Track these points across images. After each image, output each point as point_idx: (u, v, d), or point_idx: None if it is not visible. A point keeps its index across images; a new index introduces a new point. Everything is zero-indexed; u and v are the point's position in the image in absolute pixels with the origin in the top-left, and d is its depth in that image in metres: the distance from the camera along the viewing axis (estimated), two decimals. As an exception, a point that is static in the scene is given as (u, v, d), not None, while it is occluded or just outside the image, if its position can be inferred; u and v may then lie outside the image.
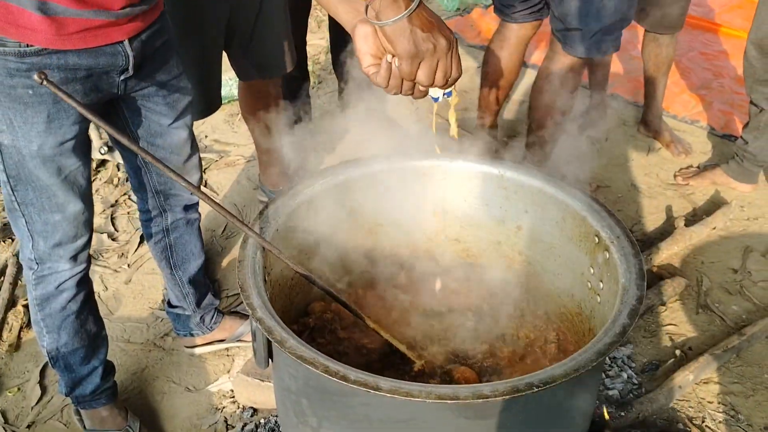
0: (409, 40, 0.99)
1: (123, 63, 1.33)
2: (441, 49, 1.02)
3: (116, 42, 1.30)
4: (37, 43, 1.20)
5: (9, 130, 1.29)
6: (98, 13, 1.23)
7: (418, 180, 1.71)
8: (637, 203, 2.59)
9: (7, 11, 1.17)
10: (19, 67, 1.21)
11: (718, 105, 3.25)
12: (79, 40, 1.24)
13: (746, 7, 4.29)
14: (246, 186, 2.69)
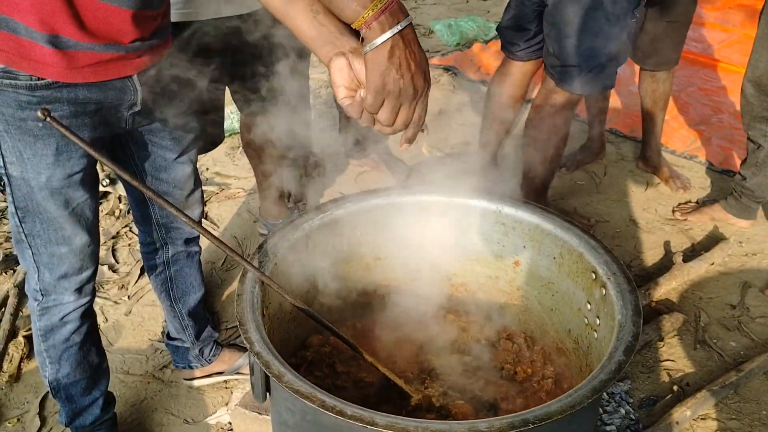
0: (379, 75, 0.99)
1: (132, 97, 1.36)
2: (407, 95, 1.02)
3: (125, 76, 1.32)
4: (48, 77, 1.23)
5: (18, 162, 1.31)
6: (108, 47, 1.26)
7: (417, 215, 1.73)
8: (636, 238, 2.60)
9: (19, 45, 1.20)
10: (30, 100, 1.24)
11: (716, 140, 3.29)
12: (90, 73, 1.26)
13: (744, 42, 4.36)
14: (246, 219, 2.71)
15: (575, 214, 2.69)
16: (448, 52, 4.37)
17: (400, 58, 1.00)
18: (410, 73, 1.01)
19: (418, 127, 1.11)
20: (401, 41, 1.00)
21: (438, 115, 3.62)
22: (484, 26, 4.59)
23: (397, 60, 0.99)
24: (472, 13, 5.01)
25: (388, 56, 0.99)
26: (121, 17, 1.25)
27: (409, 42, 1.01)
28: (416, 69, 1.01)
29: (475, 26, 4.55)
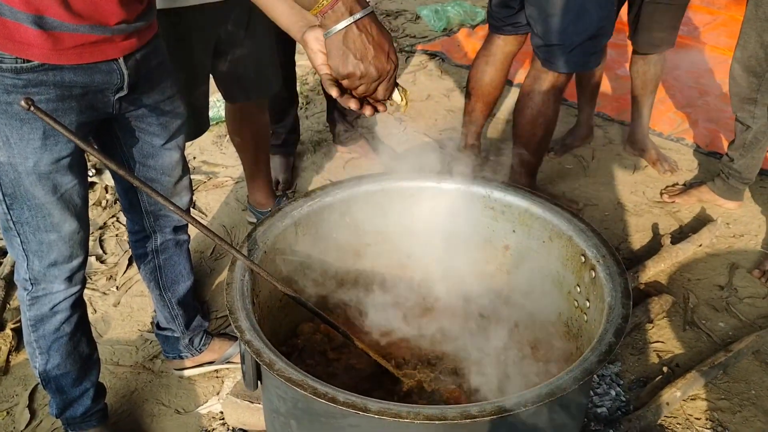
0: (338, 59, 1.09)
1: (118, 81, 1.34)
2: (368, 77, 1.10)
3: (111, 59, 1.31)
4: (33, 58, 1.21)
5: (5, 147, 1.29)
6: (94, 29, 1.24)
7: (406, 200, 1.72)
8: (624, 221, 2.61)
9: (4, 26, 1.18)
10: (15, 83, 1.22)
11: (703, 123, 3.29)
12: (75, 55, 1.25)
13: (730, 25, 4.36)
14: (235, 207, 2.69)
15: (563, 197, 2.69)
16: (435, 38, 4.35)
17: (356, 44, 1.07)
18: (369, 57, 1.08)
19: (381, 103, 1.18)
20: (355, 28, 1.07)
21: (426, 100, 3.61)
22: (471, 11, 4.57)
23: (353, 45, 1.07)
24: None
25: (344, 42, 1.07)
26: None
27: (366, 27, 1.08)
28: (376, 53, 1.09)
29: (461, 11, 4.53)
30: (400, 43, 4.30)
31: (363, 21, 1.07)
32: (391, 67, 1.13)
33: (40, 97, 1.25)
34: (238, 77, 2.12)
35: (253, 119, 2.33)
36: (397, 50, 4.17)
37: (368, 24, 1.08)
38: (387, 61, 1.11)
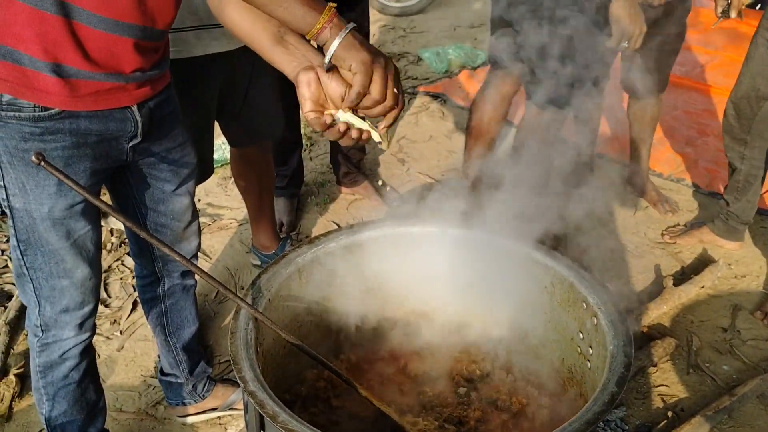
0: (360, 51, 1.07)
1: (132, 128, 1.38)
2: (389, 64, 1.11)
3: (126, 107, 1.34)
4: (51, 105, 1.24)
5: (21, 194, 1.32)
6: (109, 76, 1.28)
7: (409, 246, 1.74)
8: (626, 262, 2.62)
9: (23, 75, 1.22)
10: (33, 131, 1.26)
11: (702, 163, 3.32)
12: (91, 102, 1.28)
13: (728, 65, 4.42)
14: (239, 249, 2.71)
15: (566, 238, 2.70)
16: (437, 80, 4.41)
17: (361, 43, 1.08)
18: (373, 51, 1.09)
19: (400, 105, 1.16)
20: (352, 36, 1.08)
21: (428, 141, 3.65)
22: (471, 54, 4.65)
23: (360, 44, 1.07)
24: (459, 41, 5.07)
25: (354, 43, 1.07)
26: (122, 47, 1.27)
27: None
28: (375, 50, 1.10)
29: (462, 54, 4.60)
30: (403, 85, 4.35)
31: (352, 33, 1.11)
32: (392, 65, 1.14)
33: (56, 144, 1.28)
34: (243, 123, 2.16)
35: (258, 163, 2.36)
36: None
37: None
38: (385, 58, 1.13)
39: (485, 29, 5.32)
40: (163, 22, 1.34)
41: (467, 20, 5.61)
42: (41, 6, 1.17)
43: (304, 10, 1.06)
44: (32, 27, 1.19)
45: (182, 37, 1.79)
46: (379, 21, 5.58)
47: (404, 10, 5.72)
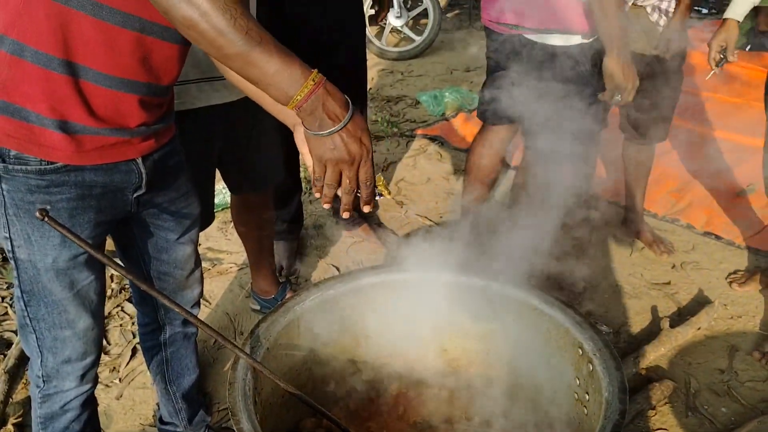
0: (314, 148, 1.15)
1: (136, 180, 1.40)
2: (344, 162, 1.16)
3: (130, 159, 1.37)
4: (57, 160, 1.27)
5: (26, 245, 1.34)
6: (114, 131, 1.31)
7: (406, 292, 1.76)
8: (623, 304, 2.64)
9: (30, 132, 1.25)
10: (39, 184, 1.28)
11: (697, 203, 3.36)
12: (96, 156, 1.31)
13: (719, 106, 4.50)
14: (238, 294, 2.73)
15: (563, 281, 2.72)
16: (434, 122, 4.48)
17: (331, 136, 1.14)
18: (343, 144, 1.14)
19: (368, 190, 1.21)
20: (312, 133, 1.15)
21: (426, 183, 3.70)
22: (468, 96, 4.73)
23: (328, 137, 1.13)
24: (456, 84, 5.16)
25: (312, 139, 1.15)
26: (128, 103, 1.31)
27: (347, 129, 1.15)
28: (349, 140, 1.14)
29: (459, 97, 4.68)
30: (401, 128, 4.43)
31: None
32: (365, 152, 1.18)
33: (61, 197, 1.31)
34: (244, 170, 2.20)
35: (258, 209, 2.39)
36: (399, 134, 4.31)
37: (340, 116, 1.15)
38: (360, 147, 1.17)
39: (480, 72, 5.41)
40: (168, 79, 1.38)
41: (463, 64, 5.73)
42: (49, 66, 1.21)
43: (278, 93, 1.12)
44: (40, 86, 1.22)
45: (185, 89, 1.84)
46: (378, 65, 5.69)
47: (402, 55, 5.84)
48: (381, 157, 4.01)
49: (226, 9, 1.05)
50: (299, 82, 1.09)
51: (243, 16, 1.07)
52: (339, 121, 1.13)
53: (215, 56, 1.11)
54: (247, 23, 1.07)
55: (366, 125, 1.20)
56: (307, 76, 1.10)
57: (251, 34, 1.07)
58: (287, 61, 1.10)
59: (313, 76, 1.10)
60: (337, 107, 1.13)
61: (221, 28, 1.06)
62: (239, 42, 1.07)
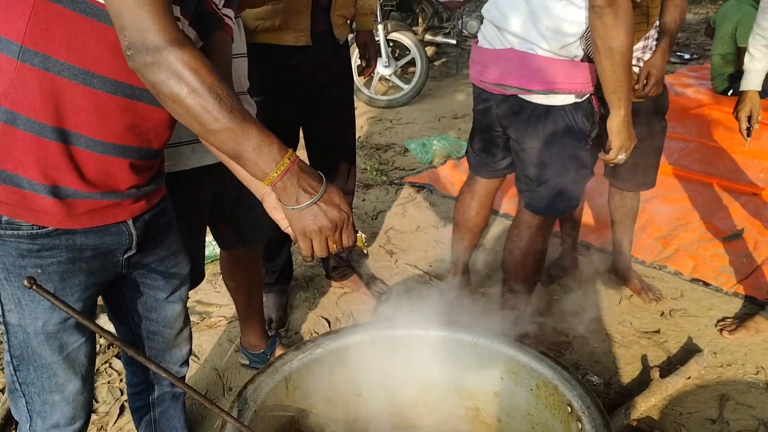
0: (296, 223, 1.22)
1: (127, 242, 1.41)
2: (328, 230, 1.22)
3: (121, 221, 1.38)
4: (48, 224, 1.28)
5: (17, 309, 1.34)
6: (105, 195, 1.33)
7: (394, 349, 1.76)
8: (613, 354, 2.64)
9: (22, 197, 1.26)
10: (30, 248, 1.29)
11: (683, 250, 3.39)
12: (87, 219, 1.32)
13: (702, 151, 4.58)
14: (227, 348, 2.71)
15: (553, 330, 2.73)
16: (423, 170, 4.53)
17: (310, 208, 1.20)
18: (322, 213, 1.20)
19: (350, 246, 1.29)
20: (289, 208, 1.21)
21: (415, 232, 3.72)
22: (456, 144, 4.79)
23: (307, 209, 1.20)
24: (444, 131, 5.24)
25: (291, 215, 1.21)
26: (119, 167, 1.33)
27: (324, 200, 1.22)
28: (327, 208, 1.21)
29: (447, 144, 4.75)
30: (390, 176, 4.47)
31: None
32: (345, 216, 1.24)
33: (52, 260, 1.32)
34: (234, 227, 2.21)
35: (247, 264, 2.40)
36: (388, 183, 4.34)
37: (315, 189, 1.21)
38: (339, 212, 1.23)
39: (468, 119, 5.50)
40: (158, 143, 1.41)
41: (451, 111, 5.81)
42: (41, 134, 1.23)
43: (256, 169, 1.18)
44: (32, 153, 1.24)
45: (178, 150, 1.86)
46: (367, 113, 5.77)
47: (391, 103, 5.92)
48: (370, 205, 4.04)
49: (212, 87, 1.09)
50: (276, 160, 1.14)
51: (228, 94, 1.11)
52: (315, 192, 1.18)
53: (197, 131, 1.15)
54: (231, 102, 1.11)
55: (341, 194, 1.24)
56: (283, 154, 1.15)
57: (234, 112, 1.11)
58: (266, 140, 1.14)
59: (289, 155, 1.15)
60: (311, 180, 1.18)
61: (207, 106, 1.09)
62: (223, 119, 1.10)
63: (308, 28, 2.48)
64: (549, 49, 2.08)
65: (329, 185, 1.22)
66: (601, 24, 1.90)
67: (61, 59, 1.20)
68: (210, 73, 1.11)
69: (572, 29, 2.03)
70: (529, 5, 2.07)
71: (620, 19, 1.88)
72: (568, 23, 2.02)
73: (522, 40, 2.12)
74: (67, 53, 1.20)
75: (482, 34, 2.33)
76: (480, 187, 2.67)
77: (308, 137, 2.84)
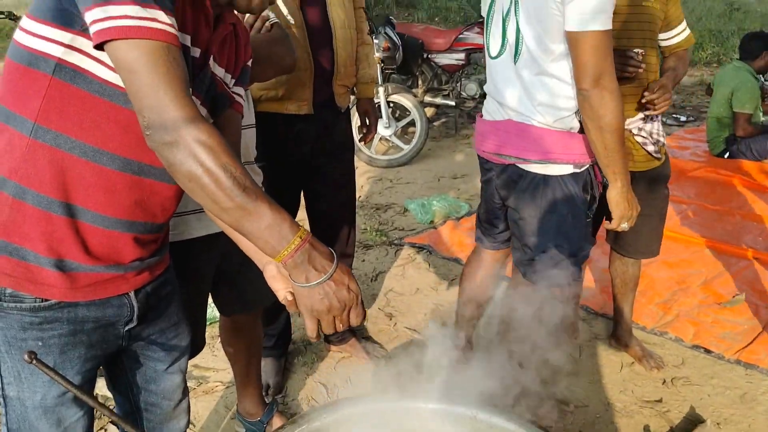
0: (305, 302, 1.22)
1: (128, 314, 1.41)
2: (336, 310, 1.22)
3: (123, 293, 1.38)
4: (51, 297, 1.29)
5: (16, 383, 1.33)
6: (109, 268, 1.34)
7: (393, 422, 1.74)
8: (615, 424, 2.60)
9: (27, 270, 1.27)
10: (32, 321, 1.29)
11: (684, 315, 3.37)
12: (90, 292, 1.33)
13: (701, 214, 4.60)
14: (224, 415, 2.67)
15: (554, 398, 2.69)
16: (423, 230, 4.55)
17: (320, 286, 1.19)
18: (332, 292, 1.20)
19: (360, 319, 1.29)
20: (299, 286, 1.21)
21: (415, 294, 3.71)
22: (455, 204, 4.82)
23: (317, 287, 1.19)
24: (444, 191, 5.28)
25: (309, 288, 1.20)
26: (124, 241, 1.34)
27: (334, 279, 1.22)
28: (337, 287, 1.21)
29: (446, 205, 4.77)
30: (390, 236, 4.48)
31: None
32: (354, 296, 1.24)
33: (53, 333, 1.32)
34: (236, 293, 2.21)
35: (247, 330, 2.39)
36: (387, 243, 4.35)
37: (327, 268, 1.21)
38: (348, 292, 1.23)
39: (468, 180, 5.56)
40: (164, 217, 1.42)
41: (450, 171, 5.87)
42: (49, 208, 1.26)
43: (267, 247, 1.18)
44: (39, 227, 1.26)
45: (184, 220, 1.88)
46: (367, 173, 5.82)
47: (391, 162, 5.99)
48: (370, 266, 4.04)
49: (227, 167, 1.11)
50: (287, 239, 1.15)
51: (242, 174, 1.13)
52: (325, 272, 1.18)
53: (212, 209, 1.16)
54: (245, 180, 1.13)
55: (350, 272, 1.24)
56: (295, 232, 1.16)
57: (248, 191, 1.13)
58: (278, 218, 1.15)
59: (301, 233, 1.16)
60: (322, 259, 1.18)
61: (221, 185, 1.11)
62: (237, 198, 1.12)
63: (311, 98, 2.54)
64: (544, 122, 2.11)
65: (340, 263, 1.22)
66: (588, 105, 1.95)
67: (72, 137, 1.23)
68: (225, 152, 1.13)
69: (565, 104, 2.07)
70: (522, 81, 2.11)
71: (606, 100, 1.92)
72: (562, 98, 2.06)
73: (518, 113, 2.16)
74: (78, 131, 1.23)
75: (485, 108, 2.37)
76: (486, 257, 2.65)
77: (309, 201, 2.86)
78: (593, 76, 1.92)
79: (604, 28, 1.90)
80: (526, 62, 2.09)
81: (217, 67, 1.44)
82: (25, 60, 1.21)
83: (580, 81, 1.95)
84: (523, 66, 2.10)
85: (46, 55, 1.19)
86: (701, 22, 12.73)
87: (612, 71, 1.95)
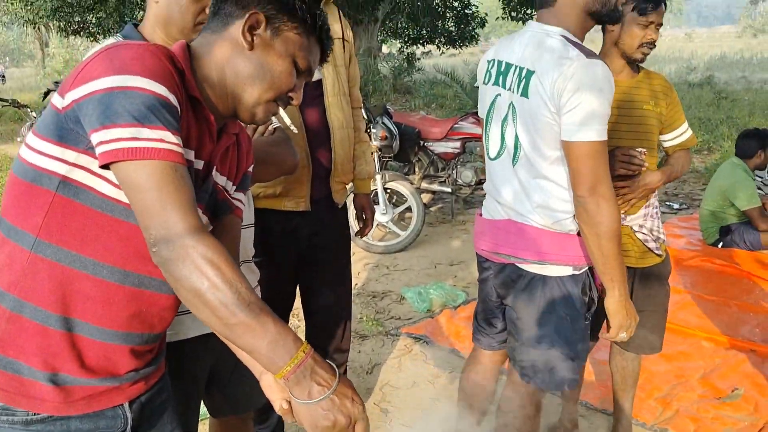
0: (307, 418, 1.19)
1: (121, 425, 1.39)
2: (340, 425, 1.18)
3: (117, 405, 1.37)
4: (45, 412, 1.27)
5: None
6: (104, 381, 1.33)
7: None
8: None
9: (20, 384, 1.26)
10: None
11: (683, 410, 3.32)
12: (84, 405, 1.31)
13: (698, 305, 4.59)
14: None
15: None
16: (420, 319, 4.52)
17: (323, 401, 1.17)
18: (336, 407, 1.17)
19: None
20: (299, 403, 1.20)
21: (411, 387, 3.65)
22: (452, 293, 4.82)
23: (320, 403, 1.17)
24: (441, 278, 5.28)
25: (311, 405, 1.17)
26: (120, 353, 1.34)
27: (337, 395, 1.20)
28: (341, 402, 1.18)
29: (443, 293, 4.77)
30: (386, 325, 4.45)
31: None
32: (358, 408, 1.22)
33: None
34: (229, 394, 2.17)
35: (237, 428, 2.34)
36: (384, 333, 4.32)
37: (330, 383, 1.19)
38: (353, 404, 1.20)
39: (464, 267, 5.57)
40: (161, 327, 1.43)
41: (447, 258, 5.88)
42: (46, 322, 1.26)
43: (268, 362, 1.18)
44: (35, 340, 1.26)
45: (180, 320, 1.87)
46: (364, 259, 5.84)
47: (388, 249, 6.01)
48: (365, 358, 3.99)
49: (232, 282, 1.12)
50: (290, 354, 1.14)
51: (247, 289, 1.14)
52: (329, 386, 1.16)
53: (214, 325, 1.16)
54: (249, 296, 1.14)
55: (352, 384, 1.23)
56: (298, 347, 1.15)
57: (252, 306, 1.14)
58: (281, 333, 1.15)
59: (303, 347, 1.15)
60: (325, 373, 1.17)
61: (226, 301, 1.12)
62: (241, 314, 1.13)
63: (308, 195, 2.58)
64: (543, 224, 2.13)
65: (342, 376, 1.21)
66: (584, 212, 1.98)
67: (72, 250, 1.25)
68: (230, 267, 1.14)
69: (563, 207, 2.09)
70: (520, 183, 2.15)
71: (602, 207, 1.95)
72: (559, 201, 2.09)
73: (518, 213, 2.18)
74: (79, 244, 1.25)
75: (485, 207, 2.40)
76: (485, 359, 2.59)
77: (305, 296, 2.86)
78: (589, 184, 1.96)
79: (599, 138, 1.95)
80: (524, 165, 2.13)
81: (219, 176, 1.48)
82: (30, 177, 1.25)
83: (577, 188, 1.99)
84: (521, 168, 2.14)
85: (50, 172, 1.23)
86: (690, 110, 13.07)
87: (608, 179, 1.98)
